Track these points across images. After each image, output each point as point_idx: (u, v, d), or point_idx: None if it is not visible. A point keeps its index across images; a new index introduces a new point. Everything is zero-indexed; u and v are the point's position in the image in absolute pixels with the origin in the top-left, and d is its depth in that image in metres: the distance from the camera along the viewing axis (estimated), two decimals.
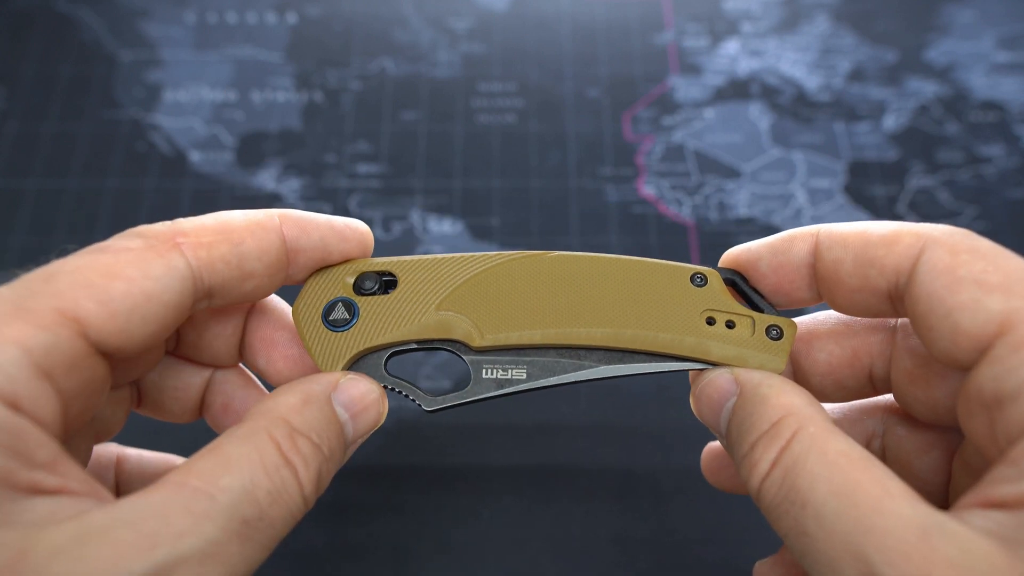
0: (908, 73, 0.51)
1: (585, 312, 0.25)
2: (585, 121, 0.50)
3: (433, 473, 0.38)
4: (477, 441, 0.39)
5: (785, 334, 0.24)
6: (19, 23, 0.53)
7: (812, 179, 0.47)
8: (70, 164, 0.48)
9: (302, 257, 0.24)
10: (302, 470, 0.20)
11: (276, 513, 0.19)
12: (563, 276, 0.25)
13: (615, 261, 0.25)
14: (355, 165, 0.48)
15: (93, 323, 0.19)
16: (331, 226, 0.25)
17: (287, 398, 0.22)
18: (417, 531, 0.37)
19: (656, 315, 0.25)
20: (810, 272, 0.24)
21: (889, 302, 0.23)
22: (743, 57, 0.52)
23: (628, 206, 0.47)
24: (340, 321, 0.25)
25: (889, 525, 0.18)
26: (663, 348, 0.25)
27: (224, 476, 0.19)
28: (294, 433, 0.21)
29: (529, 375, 0.25)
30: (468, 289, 0.25)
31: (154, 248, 0.21)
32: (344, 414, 0.23)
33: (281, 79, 0.51)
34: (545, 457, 0.39)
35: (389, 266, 0.25)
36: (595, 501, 0.38)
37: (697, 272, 0.25)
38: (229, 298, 0.23)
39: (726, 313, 0.25)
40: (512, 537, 0.37)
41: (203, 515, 0.18)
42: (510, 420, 0.40)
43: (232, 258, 0.22)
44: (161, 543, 0.17)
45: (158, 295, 0.21)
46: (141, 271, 0.20)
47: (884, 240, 0.22)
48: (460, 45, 0.52)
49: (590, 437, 0.39)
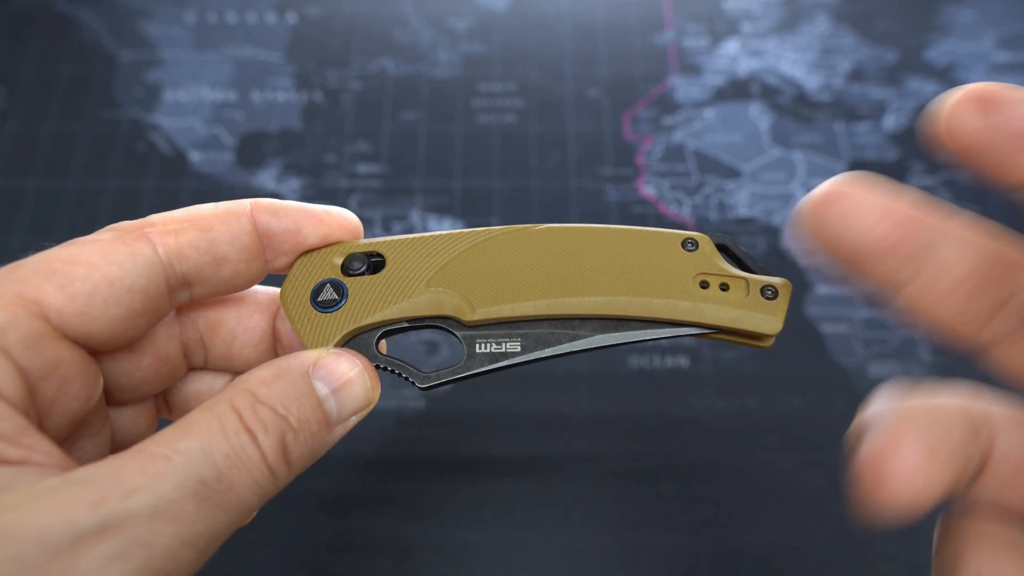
0: (908, 73, 0.51)
1: (577, 282, 0.25)
2: (585, 121, 0.50)
3: (434, 468, 0.38)
4: (478, 435, 0.39)
5: (780, 293, 0.24)
6: (19, 23, 0.53)
7: (812, 179, 0.47)
8: (70, 164, 0.48)
9: (276, 241, 0.24)
10: (262, 436, 0.20)
11: (236, 476, 0.19)
12: (553, 247, 0.25)
13: (605, 230, 0.25)
14: (355, 165, 0.48)
15: (52, 304, 0.20)
16: (305, 211, 0.25)
17: (260, 372, 0.22)
18: (418, 526, 0.37)
19: (649, 281, 0.24)
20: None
21: None
22: (743, 57, 0.52)
23: (628, 206, 0.47)
24: (329, 302, 0.24)
25: None
26: (658, 314, 0.24)
27: (182, 440, 0.19)
28: (256, 403, 0.21)
29: (523, 347, 0.24)
30: (457, 265, 0.25)
31: (120, 238, 0.22)
32: (323, 389, 0.22)
33: (281, 79, 0.51)
34: (546, 451, 0.39)
35: (377, 246, 0.25)
36: (597, 495, 0.38)
37: (688, 237, 0.25)
38: (208, 286, 0.24)
39: (719, 276, 0.24)
40: (513, 531, 0.37)
41: (157, 475, 0.18)
42: (511, 413, 0.40)
43: (201, 243, 0.23)
44: (110, 498, 0.17)
45: (120, 279, 0.21)
46: (105, 258, 0.21)
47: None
48: (460, 45, 0.52)
49: (592, 431, 0.39)
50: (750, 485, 0.38)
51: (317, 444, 0.22)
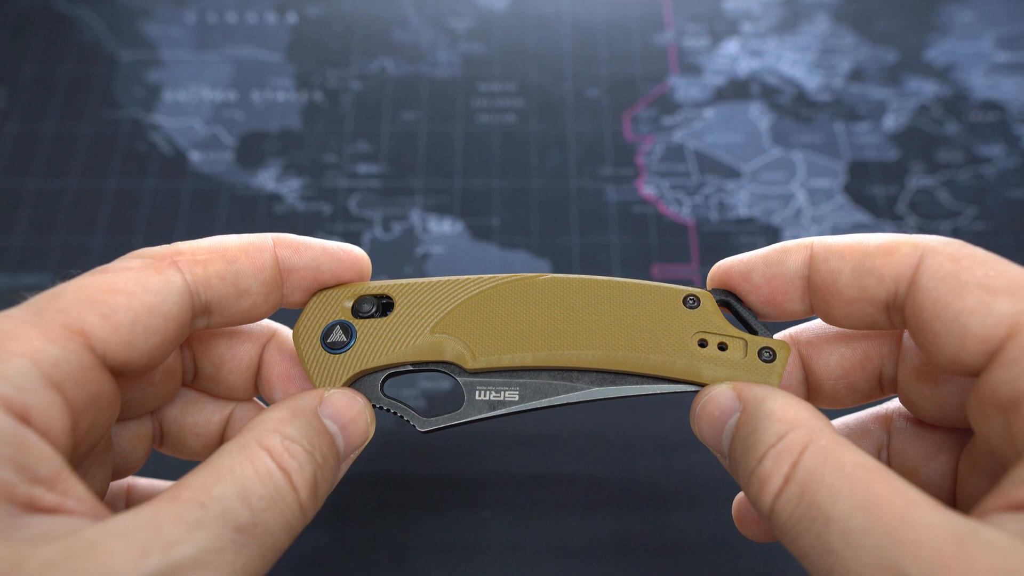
0: (908, 73, 0.51)
1: (577, 335, 0.25)
2: (585, 121, 0.50)
3: (434, 479, 0.38)
4: (477, 447, 0.39)
5: (778, 356, 0.25)
6: (19, 23, 0.53)
7: (812, 179, 0.47)
8: (70, 164, 0.48)
9: (295, 277, 0.25)
10: (296, 475, 0.20)
11: (271, 519, 0.19)
12: (555, 299, 0.26)
13: (608, 284, 0.26)
14: (355, 165, 0.48)
15: (99, 335, 0.20)
16: (324, 248, 0.26)
17: (275, 412, 0.22)
18: (418, 537, 0.37)
19: (648, 337, 0.25)
20: (803, 284, 0.24)
21: (886, 313, 0.23)
22: (743, 57, 0.52)
23: (628, 206, 0.47)
24: (338, 344, 0.25)
25: (921, 536, 0.17)
26: (654, 370, 0.25)
27: (216, 486, 0.19)
28: (286, 441, 0.21)
29: (521, 397, 0.25)
30: (462, 312, 0.26)
31: (152, 266, 0.22)
32: (332, 426, 0.23)
33: (281, 79, 0.51)
34: (544, 464, 0.39)
35: (387, 289, 0.26)
36: (594, 508, 0.38)
37: (690, 294, 0.25)
38: (227, 315, 0.24)
39: (718, 335, 0.25)
40: (512, 544, 0.37)
41: (195, 523, 0.18)
42: (510, 427, 0.40)
43: (227, 275, 0.23)
44: (152, 552, 0.17)
45: (158, 307, 0.21)
46: (141, 286, 0.21)
47: (881, 250, 0.22)
48: (460, 45, 0.52)
49: (589, 444, 0.39)
50: None
51: (334, 481, 0.23)
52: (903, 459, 0.26)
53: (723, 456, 0.23)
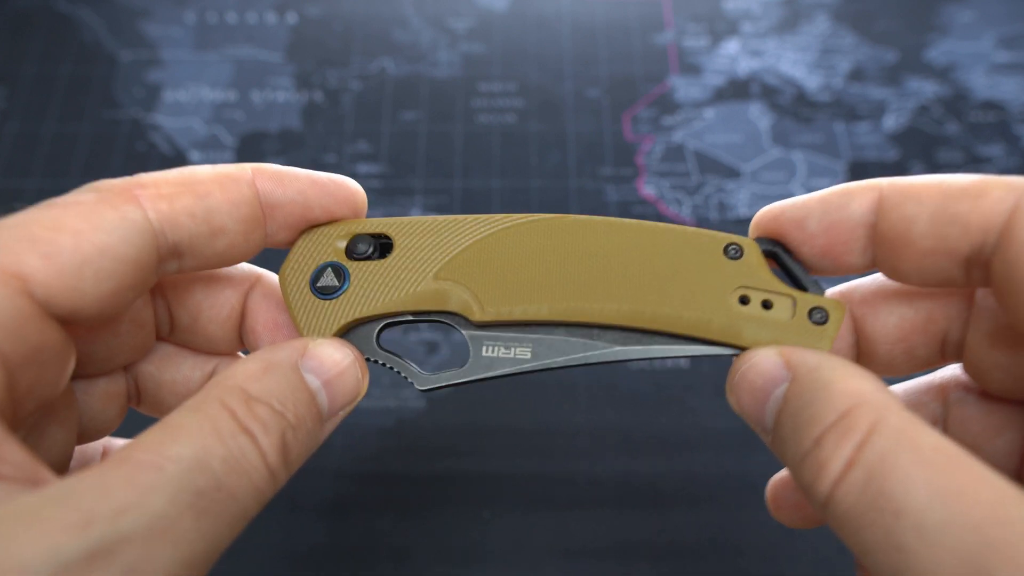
0: (908, 73, 0.51)
1: (600, 285, 0.22)
2: (585, 121, 0.50)
3: (434, 475, 0.38)
4: (478, 443, 0.39)
5: (831, 318, 0.21)
6: (19, 23, 0.53)
7: (812, 179, 0.47)
8: (70, 164, 0.48)
9: (279, 213, 0.22)
10: (262, 436, 0.18)
11: (235, 483, 0.17)
12: (578, 244, 0.22)
13: (640, 227, 0.22)
14: (355, 165, 0.48)
15: (39, 280, 0.17)
16: (312, 179, 0.23)
17: (247, 366, 0.20)
18: (418, 534, 0.37)
19: (682, 291, 0.22)
20: (867, 233, 0.21)
21: (964, 268, 0.20)
22: (743, 57, 0.52)
23: (628, 206, 0.47)
24: (329, 288, 0.23)
25: (1015, 537, 0.15)
26: (687, 329, 0.21)
27: (173, 446, 0.16)
28: (251, 400, 0.18)
29: (534, 354, 0.22)
30: (471, 256, 0.23)
31: (107, 200, 0.19)
32: (315, 381, 0.20)
33: (281, 79, 0.51)
34: (546, 460, 0.39)
35: (385, 227, 0.23)
36: (596, 505, 0.38)
37: (732, 242, 0.22)
38: (201, 258, 0.21)
39: (763, 291, 0.22)
40: (512, 541, 0.37)
41: (149, 488, 0.15)
42: (511, 423, 0.40)
43: (198, 211, 0.20)
44: (97, 520, 0.15)
45: (112, 248, 0.19)
46: (92, 224, 0.19)
47: (968, 192, 0.19)
48: (460, 45, 0.52)
49: (589, 443, 0.39)
50: (750, 485, 0.38)
51: (313, 442, 0.20)
52: (962, 436, 0.23)
53: (765, 431, 0.20)
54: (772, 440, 0.20)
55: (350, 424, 0.39)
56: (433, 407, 0.40)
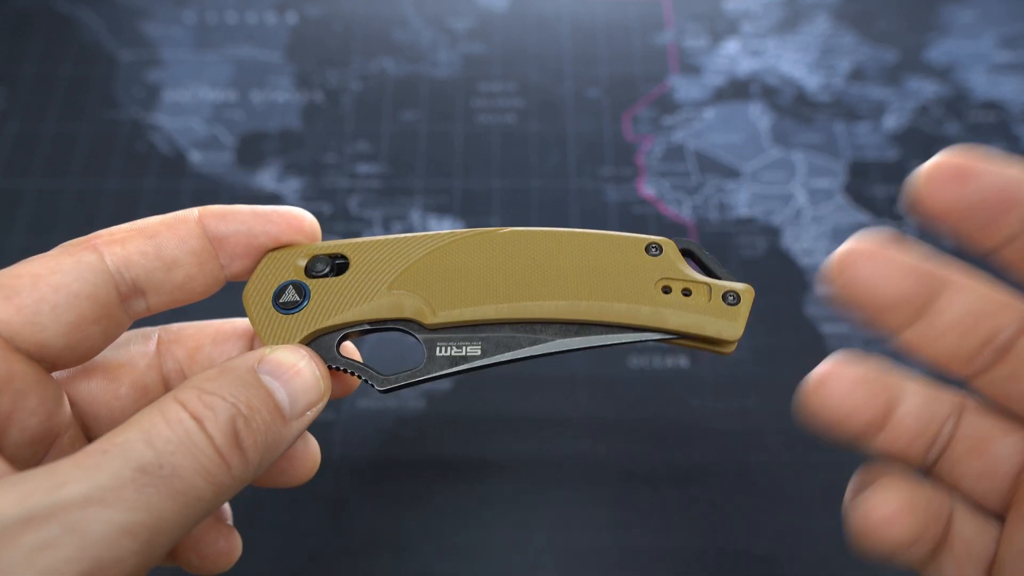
0: (908, 73, 0.51)
1: (539, 286, 0.25)
2: (585, 121, 0.50)
3: (433, 470, 0.38)
4: (477, 437, 0.39)
5: (742, 299, 0.24)
6: (19, 23, 0.53)
7: (812, 179, 0.47)
8: (70, 164, 0.48)
9: (228, 244, 0.24)
10: (210, 422, 0.19)
11: (180, 462, 0.18)
12: (517, 251, 0.25)
13: (569, 234, 0.25)
14: (355, 165, 0.48)
15: (1, 317, 0.20)
16: (254, 212, 0.25)
17: (205, 372, 0.21)
18: (418, 535, 0.37)
19: (611, 286, 0.24)
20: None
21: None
22: (743, 57, 0.52)
23: (628, 206, 0.47)
24: (290, 304, 0.25)
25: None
26: (619, 318, 0.24)
27: (121, 433, 0.18)
28: (203, 394, 0.20)
29: (484, 351, 0.24)
30: (420, 268, 0.25)
31: (66, 250, 0.22)
32: (272, 382, 0.22)
33: (281, 79, 0.51)
34: (545, 453, 0.39)
35: (341, 248, 0.25)
36: (596, 498, 0.38)
37: (652, 242, 0.25)
38: (164, 292, 0.23)
39: (682, 281, 0.24)
40: (512, 534, 0.37)
41: (93, 466, 0.17)
42: (511, 414, 0.40)
43: (149, 249, 0.23)
44: (38, 492, 0.16)
45: (67, 286, 0.21)
46: (49, 268, 0.21)
47: None
48: (460, 45, 0.52)
49: (590, 433, 0.39)
50: (750, 485, 0.38)
51: (272, 434, 0.21)
52: (975, 430, 0.22)
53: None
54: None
55: (350, 421, 0.39)
56: (432, 406, 0.40)
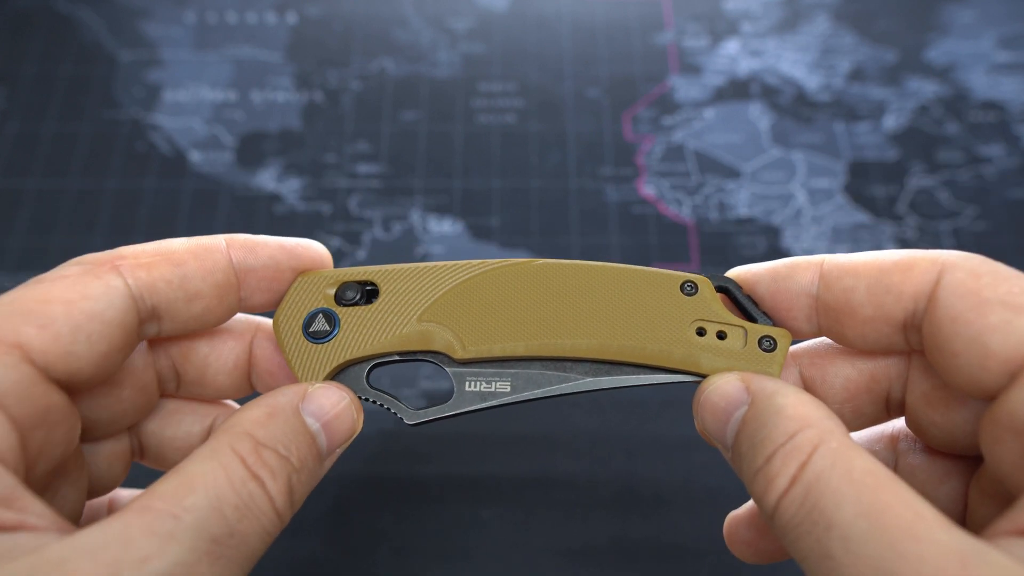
0: (908, 73, 0.51)
1: (571, 323, 0.24)
2: (585, 121, 0.50)
3: (434, 477, 0.38)
4: (477, 448, 0.39)
5: (779, 345, 0.24)
6: (19, 23, 0.53)
7: (812, 179, 0.47)
8: (70, 164, 0.48)
9: (252, 278, 0.24)
10: (270, 482, 0.20)
11: (247, 528, 0.19)
12: (548, 285, 0.25)
13: (603, 269, 0.25)
14: (355, 165, 0.48)
15: (37, 347, 0.19)
16: (281, 246, 0.25)
17: (252, 412, 0.21)
18: (418, 537, 0.37)
19: (644, 325, 0.24)
20: (811, 303, 0.23)
21: (903, 333, 0.22)
22: (743, 57, 0.52)
23: (628, 206, 0.47)
24: (320, 333, 0.24)
25: (925, 552, 0.17)
26: (651, 360, 0.24)
27: (188, 496, 0.18)
28: (259, 446, 0.20)
29: (513, 388, 0.24)
30: (451, 299, 0.25)
31: (91, 271, 0.21)
32: (314, 424, 0.22)
33: (281, 79, 0.51)
34: (544, 464, 0.39)
35: (371, 275, 0.25)
36: (594, 509, 0.38)
37: (688, 280, 0.25)
38: (179, 321, 0.23)
39: (717, 323, 0.24)
40: (512, 545, 0.37)
41: (168, 536, 0.17)
42: (510, 428, 0.40)
43: (173, 278, 0.22)
44: (123, 568, 0.16)
45: (99, 313, 0.20)
46: (79, 293, 0.20)
47: (899, 266, 0.22)
48: (460, 45, 0.52)
49: (589, 444, 0.39)
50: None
51: (313, 481, 0.22)
52: (911, 480, 0.25)
53: (726, 448, 0.23)
54: (731, 457, 0.22)
55: None
56: None
